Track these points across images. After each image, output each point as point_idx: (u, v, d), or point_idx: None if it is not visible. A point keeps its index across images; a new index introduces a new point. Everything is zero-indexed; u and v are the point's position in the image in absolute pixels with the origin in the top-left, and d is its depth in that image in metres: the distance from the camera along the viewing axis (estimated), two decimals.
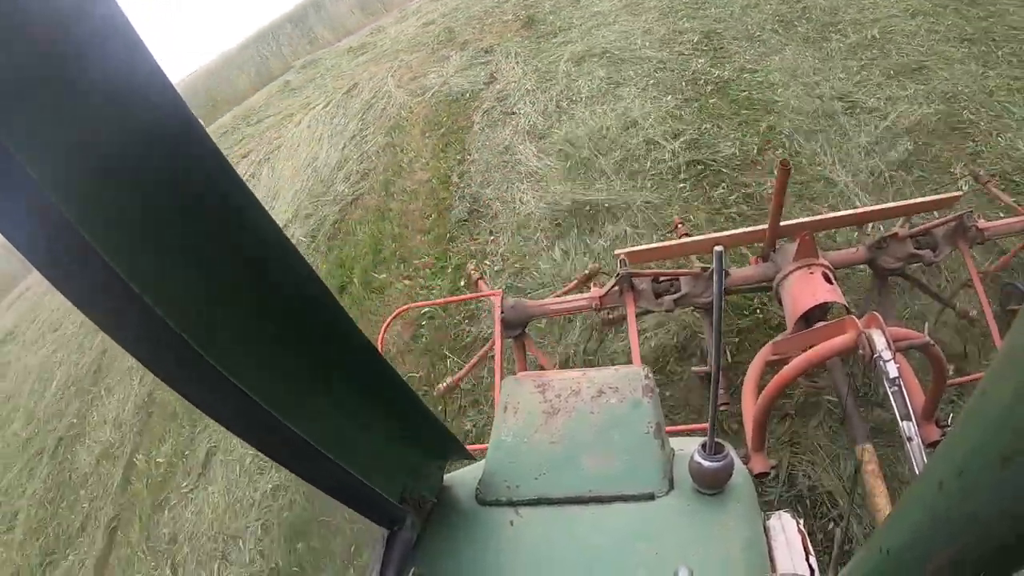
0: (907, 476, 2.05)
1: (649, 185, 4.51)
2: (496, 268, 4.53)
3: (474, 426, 3.57)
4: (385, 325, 3.17)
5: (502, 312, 2.94)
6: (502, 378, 2.72)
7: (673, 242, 3.17)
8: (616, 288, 2.90)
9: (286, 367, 0.95)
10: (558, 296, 3.25)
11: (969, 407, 0.57)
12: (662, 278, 2.94)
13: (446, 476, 1.35)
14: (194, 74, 17.79)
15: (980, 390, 0.55)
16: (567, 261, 4.23)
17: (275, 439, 0.90)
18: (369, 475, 1.04)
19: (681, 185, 4.41)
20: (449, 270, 4.75)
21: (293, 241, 4.15)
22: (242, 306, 0.87)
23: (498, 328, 2.91)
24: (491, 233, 4.85)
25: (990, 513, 0.54)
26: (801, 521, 1.26)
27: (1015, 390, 0.48)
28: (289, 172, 7.42)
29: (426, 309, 4.39)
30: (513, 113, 6.11)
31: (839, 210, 3.82)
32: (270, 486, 4.07)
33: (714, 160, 4.52)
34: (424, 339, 4.33)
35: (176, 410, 5.25)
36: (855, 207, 3.74)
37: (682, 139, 4.79)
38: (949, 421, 2.12)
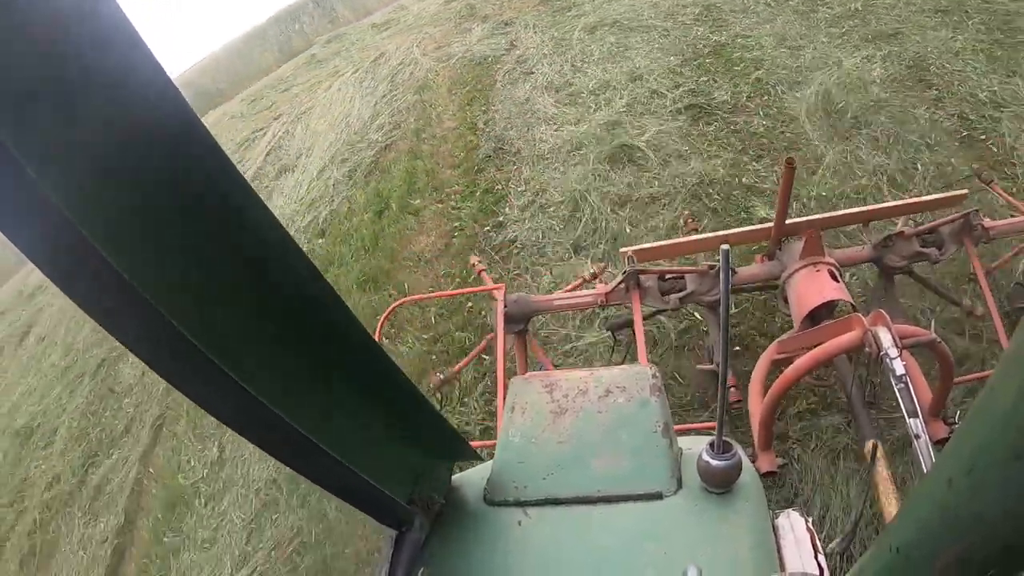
0: (915, 473, 2.04)
1: (653, 122, 5.00)
2: (520, 189, 4.99)
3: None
4: (383, 319, 3.14)
5: (505, 306, 2.84)
6: (505, 374, 2.65)
7: (680, 240, 3.09)
8: (622, 285, 2.81)
9: (287, 366, 0.92)
10: (564, 292, 3.16)
11: (978, 404, 0.55)
12: (668, 276, 2.86)
13: (454, 476, 1.32)
14: (214, 54, 17.69)
15: (989, 387, 0.53)
16: (583, 181, 4.64)
17: (277, 438, 0.88)
18: (376, 476, 1.01)
19: (679, 123, 4.91)
20: (477, 194, 5.18)
21: (332, 180, 5.68)
22: (243, 305, 0.85)
23: (500, 323, 2.81)
24: (515, 164, 5.31)
25: (999, 510, 0.52)
26: (810, 519, 1.24)
27: (1022, 387, 0.47)
28: (323, 127, 7.71)
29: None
30: (532, 73, 6.49)
31: (814, 145, 4.15)
32: None
33: (708, 104, 5.01)
34: (455, 246, 4.83)
35: None
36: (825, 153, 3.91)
37: (681, 89, 5.28)
38: (956, 418, 2.08)
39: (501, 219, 4.78)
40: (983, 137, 3.82)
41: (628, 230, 4.08)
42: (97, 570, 4.45)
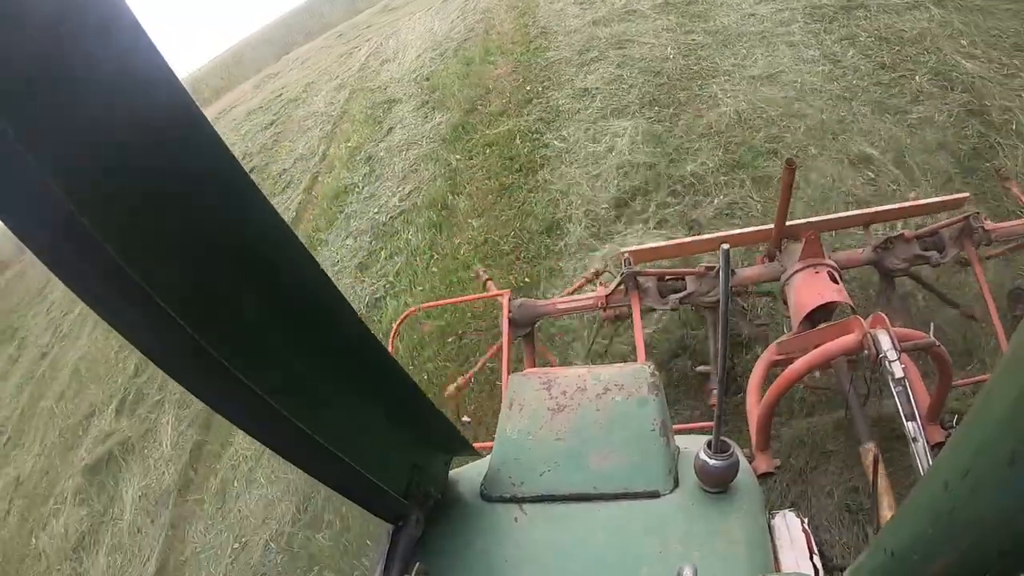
0: (913, 477, 2.04)
1: (638, 11, 7.12)
2: (556, 45, 7.28)
3: None
4: (396, 327, 3.20)
5: (509, 312, 2.87)
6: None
7: (678, 241, 3.09)
8: (621, 287, 2.82)
9: (290, 361, 0.91)
10: (565, 295, 3.19)
11: (975, 408, 0.54)
12: (667, 277, 2.86)
13: (451, 472, 1.31)
14: (285, 15, 19.37)
15: (986, 390, 0.52)
16: (595, 33, 7.03)
17: (278, 432, 0.88)
18: (373, 470, 1.01)
19: (654, 10, 6.96)
20: (531, 50, 7.52)
21: (427, 59, 9.12)
22: (243, 300, 0.83)
23: (506, 327, 2.85)
24: (555, 35, 7.56)
25: (995, 514, 0.51)
26: (806, 520, 1.23)
27: (1021, 392, 0.46)
28: (412, 38, 10.19)
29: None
30: None
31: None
32: (436, 121, 6.98)
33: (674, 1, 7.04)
34: (519, 70, 7.23)
35: (366, 116, 8.28)
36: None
37: None
38: (954, 422, 2.03)
39: (548, 54, 7.13)
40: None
41: (616, 44, 6.63)
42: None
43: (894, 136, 4.10)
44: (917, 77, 4.50)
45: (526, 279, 4.29)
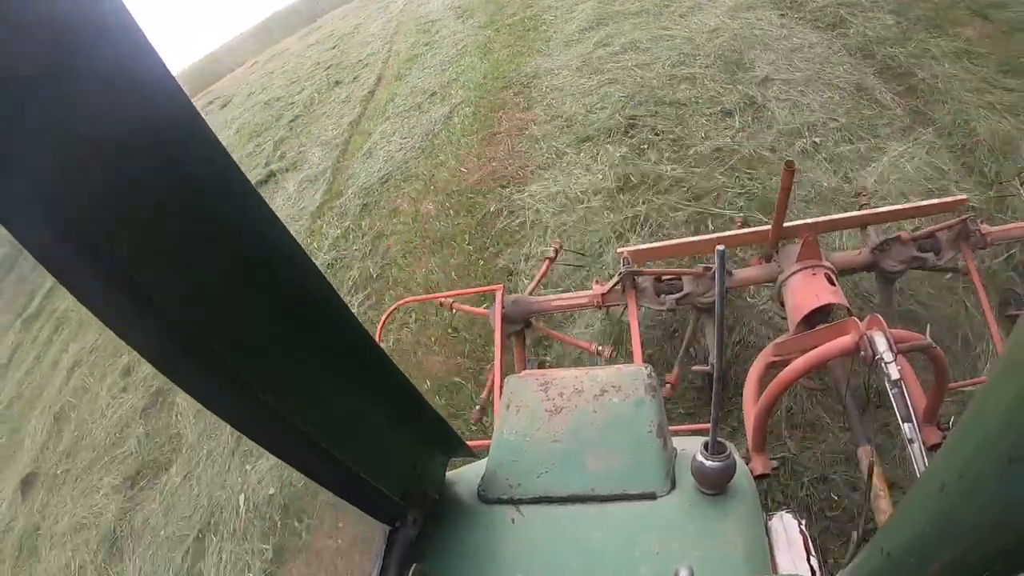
0: (909, 478, 2.04)
1: None
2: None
3: None
4: (384, 318, 3.20)
5: (503, 307, 2.87)
6: (502, 374, 2.65)
7: (676, 241, 3.09)
8: (618, 286, 2.82)
9: (288, 362, 0.91)
10: (562, 294, 3.16)
11: (972, 409, 0.55)
12: (664, 277, 2.87)
13: (448, 474, 1.31)
14: None
15: (982, 393, 0.53)
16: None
17: (275, 432, 0.88)
18: (370, 472, 1.01)
19: None
20: None
21: (453, 9, 12.35)
22: (244, 301, 0.83)
23: (498, 323, 2.84)
24: None
25: (992, 515, 0.52)
26: (803, 522, 1.23)
27: (1018, 393, 0.46)
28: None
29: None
30: None
31: None
32: (471, 22, 10.18)
33: None
34: (526, 5, 9.86)
35: (417, 28, 11.19)
36: None
37: None
38: (950, 424, 2.03)
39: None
40: None
41: None
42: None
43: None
44: None
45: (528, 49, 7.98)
